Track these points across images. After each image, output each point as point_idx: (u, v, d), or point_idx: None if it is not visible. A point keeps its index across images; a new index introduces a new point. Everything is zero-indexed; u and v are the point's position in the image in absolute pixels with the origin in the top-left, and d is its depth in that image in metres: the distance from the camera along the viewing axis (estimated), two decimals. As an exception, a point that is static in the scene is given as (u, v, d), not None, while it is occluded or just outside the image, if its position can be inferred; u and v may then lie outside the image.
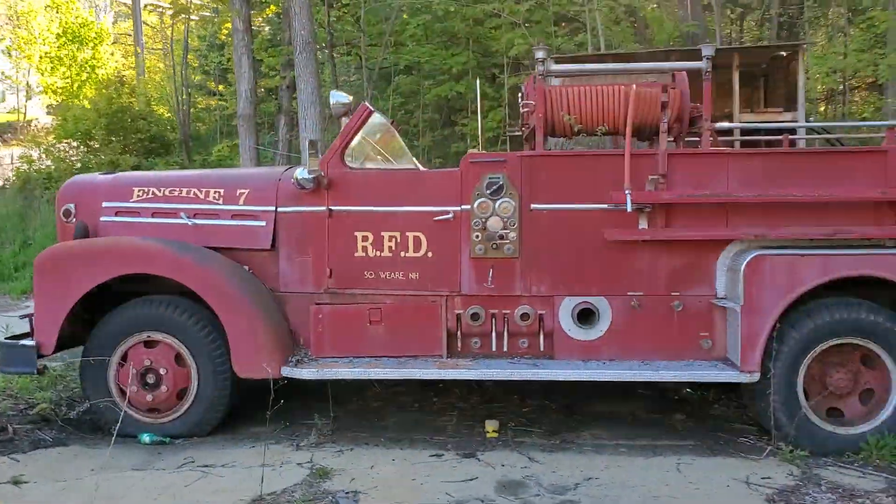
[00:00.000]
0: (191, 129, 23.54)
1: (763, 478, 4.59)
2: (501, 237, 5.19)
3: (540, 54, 5.25)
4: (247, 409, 5.57)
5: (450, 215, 5.22)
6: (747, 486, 4.46)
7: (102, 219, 5.54)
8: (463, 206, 5.22)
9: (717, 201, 5.05)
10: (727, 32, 16.64)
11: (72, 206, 5.63)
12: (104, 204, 5.56)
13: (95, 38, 27.76)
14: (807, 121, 8.80)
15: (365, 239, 5.28)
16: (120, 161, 17.90)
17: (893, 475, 4.61)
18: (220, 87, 25.18)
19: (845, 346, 5.00)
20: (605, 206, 5.12)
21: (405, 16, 16.70)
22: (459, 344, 5.32)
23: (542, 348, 5.27)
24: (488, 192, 5.17)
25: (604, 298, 5.20)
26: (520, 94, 5.64)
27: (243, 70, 16.33)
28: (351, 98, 5.41)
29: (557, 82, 7.03)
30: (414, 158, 5.46)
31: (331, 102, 5.31)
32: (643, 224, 5.11)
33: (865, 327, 4.90)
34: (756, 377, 4.91)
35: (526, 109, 5.56)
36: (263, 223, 5.36)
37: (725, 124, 5.49)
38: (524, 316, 5.20)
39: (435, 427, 5.58)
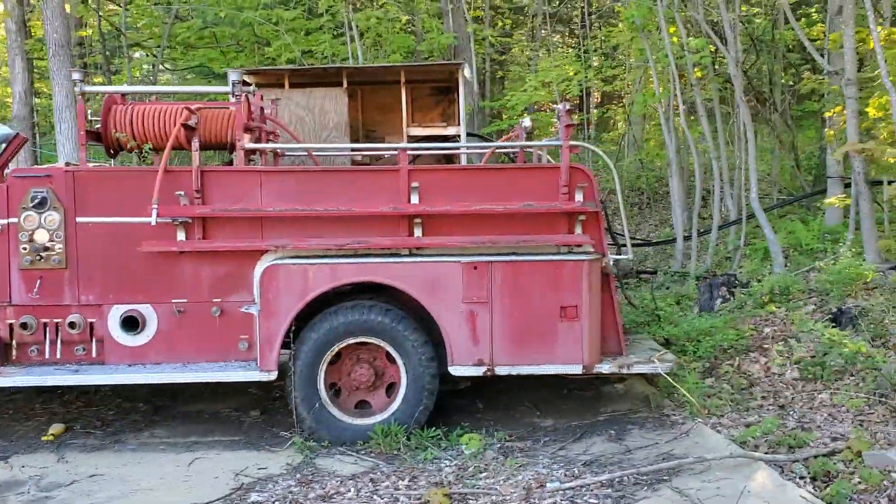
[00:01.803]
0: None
1: (259, 468, 5.05)
2: (48, 249, 5.43)
3: (76, 76, 5.53)
4: None
5: (-3, 228, 5.42)
6: (235, 477, 4.89)
7: None
8: (10, 220, 5.42)
9: (248, 215, 5.46)
10: (492, 41, 17.47)
11: None
12: None
13: None
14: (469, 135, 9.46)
15: (-86, 253, 5.40)
16: None
17: (386, 461, 5.15)
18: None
19: (371, 345, 5.54)
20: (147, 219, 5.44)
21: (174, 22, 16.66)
22: (15, 352, 5.53)
23: (94, 354, 5.54)
24: (33, 205, 5.39)
25: (150, 306, 5.52)
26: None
27: (17, 71, 16.05)
28: None
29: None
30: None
31: None
32: (181, 236, 5.46)
33: (374, 327, 5.44)
34: (273, 375, 5.37)
35: (97, 126, 5.83)
36: None
37: (255, 144, 5.86)
38: (72, 324, 5.45)
39: (7, 434, 5.76)
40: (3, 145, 6.37)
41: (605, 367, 5.55)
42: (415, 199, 5.50)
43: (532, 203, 5.52)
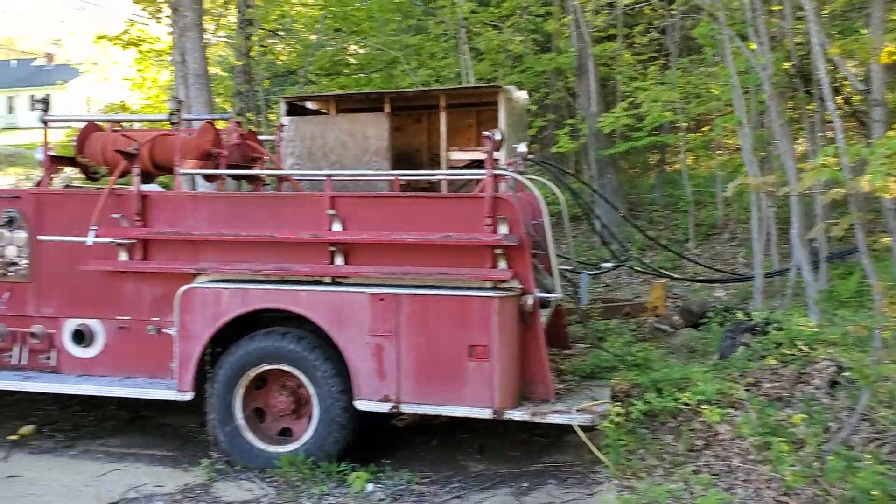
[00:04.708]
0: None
1: (157, 485, 5.18)
2: (15, 263, 5.94)
3: (38, 105, 5.99)
4: None
5: (-25, 243, 6.00)
6: (125, 492, 5.07)
7: None
8: (-13, 236, 6.00)
9: (182, 239, 5.63)
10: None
11: None
12: None
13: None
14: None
15: None
16: None
17: (279, 491, 5.09)
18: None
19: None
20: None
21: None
22: (-2, 357, 6.07)
23: (53, 364, 5.96)
24: (4, 223, 5.93)
25: (98, 321, 5.85)
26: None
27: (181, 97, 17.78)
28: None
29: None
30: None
31: None
32: (124, 256, 5.74)
33: (286, 355, 5.39)
34: (189, 396, 5.48)
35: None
36: None
37: (191, 170, 6.00)
38: (34, 334, 5.91)
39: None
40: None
41: (518, 414, 5.11)
42: (337, 226, 5.42)
43: (451, 234, 5.24)
